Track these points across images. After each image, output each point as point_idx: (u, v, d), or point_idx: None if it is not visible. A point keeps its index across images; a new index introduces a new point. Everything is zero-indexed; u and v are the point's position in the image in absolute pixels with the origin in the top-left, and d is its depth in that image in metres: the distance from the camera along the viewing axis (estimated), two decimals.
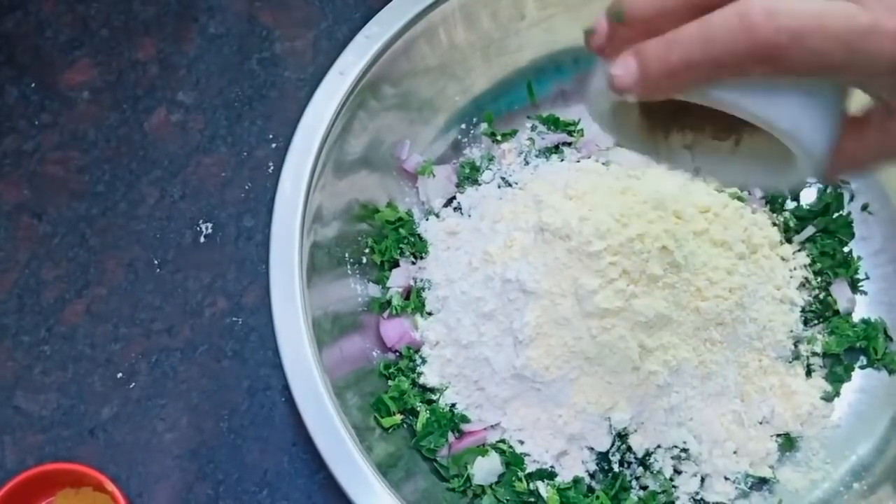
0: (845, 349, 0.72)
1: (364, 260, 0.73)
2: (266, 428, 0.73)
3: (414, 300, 0.73)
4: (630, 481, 0.68)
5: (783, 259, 0.74)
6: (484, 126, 0.79)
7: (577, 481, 0.67)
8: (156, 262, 0.78)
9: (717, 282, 0.68)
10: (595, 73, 0.47)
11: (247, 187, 0.81)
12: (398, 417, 0.68)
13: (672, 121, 0.51)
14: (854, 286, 0.75)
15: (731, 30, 0.39)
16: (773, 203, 0.77)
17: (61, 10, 0.87)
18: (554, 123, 0.79)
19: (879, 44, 0.39)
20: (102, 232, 0.79)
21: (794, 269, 0.74)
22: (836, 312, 0.74)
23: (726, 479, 0.68)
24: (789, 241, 0.75)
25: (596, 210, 0.70)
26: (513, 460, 0.68)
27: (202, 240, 0.79)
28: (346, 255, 0.72)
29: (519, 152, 0.79)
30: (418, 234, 0.75)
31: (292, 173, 0.67)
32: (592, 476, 0.68)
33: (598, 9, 0.76)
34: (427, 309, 0.73)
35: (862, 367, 0.73)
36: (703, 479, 0.68)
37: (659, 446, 0.67)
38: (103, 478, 0.67)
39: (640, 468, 0.68)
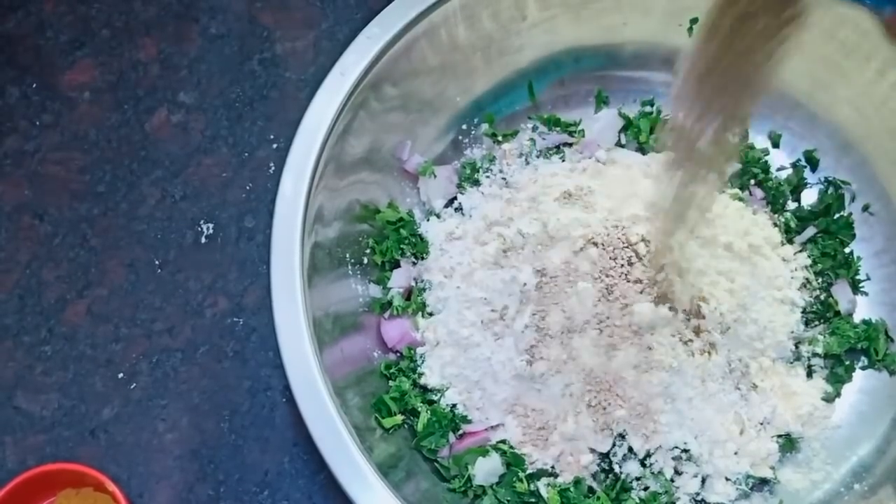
0: (846, 350, 0.72)
1: (365, 260, 0.73)
2: (267, 428, 0.73)
3: (415, 301, 0.73)
4: (631, 482, 0.68)
5: (784, 260, 0.74)
6: (485, 126, 0.79)
7: (577, 482, 0.67)
8: (157, 262, 0.78)
9: (717, 283, 0.68)
10: None
11: (248, 188, 0.81)
12: (399, 418, 0.68)
13: None
14: (855, 287, 0.75)
15: None
16: (775, 204, 0.77)
17: (62, 11, 0.87)
18: (555, 124, 0.79)
19: None
20: (103, 232, 0.79)
21: (795, 269, 0.74)
22: (837, 313, 0.74)
23: (727, 479, 0.68)
24: (790, 241, 0.75)
25: (597, 211, 0.70)
26: (513, 461, 0.68)
27: (203, 240, 0.79)
28: (347, 255, 0.72)
29: (520, 153, 0.79)
30: (419, 235, 0.75)
31: (293, 174, 0.67)
32: (593, 477, 0.68)
33: (598, 9, 0.77)
34: (428, 309, 0.73)
35: (863, 368, 0.73)
36: (703, 480, 0.68)
37: (660, 447, 0.67)
38: (104, 478, 0.67)
39: (641, 469, 0.68)
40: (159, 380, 0.75)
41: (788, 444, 0.70)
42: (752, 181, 0.77)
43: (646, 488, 0.68)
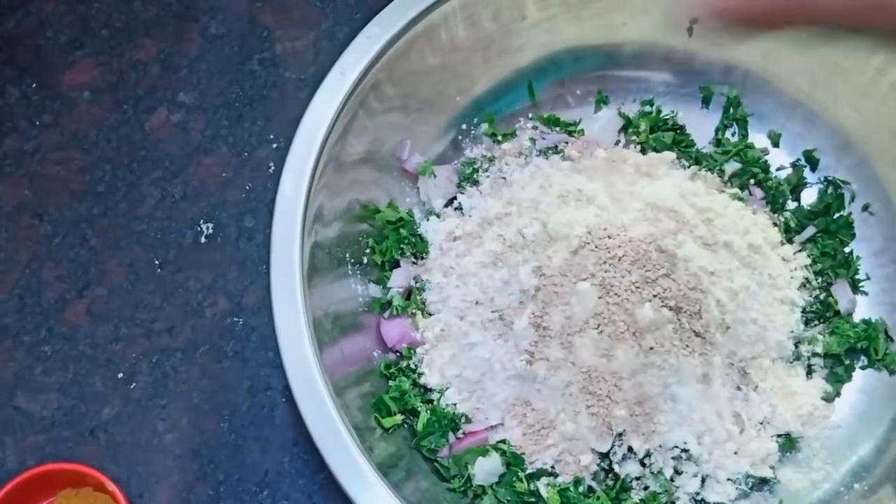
0: (846, 350, 0.72)
1: (365, 260, 0.73)
2: (267, 428, 0.73)
3: (414, 300, 0.73)
4: (630, 482, 0.68)
5: (784, 260, 0.74)
6: (485, 126, 0.79)
7: (577, 481, 0.67)
8: (157, 262, 0.78)
9: (717, 283, 0.68)
10: None
11: (247, 187, 0.81)
12: (399, 418, 0.68)
13: None
14: (855, 287, 0.75)
15: None
16: (774, 203, 0.77)
17: (62, 11, 0.87)
18: (555, 123, 0.79)
19: None
20: (103, 232, 0.79)
21: (795, 269, 0.74)
22: (837, 313, 0.74)
23: (727, 479, 0.68)
24: (790, 241, 0.75)
25: (596, 211, 0.70)
26: (513, 460, 0.68)
27: (203, 240, 0.79)
28: (347, 255, 0.72)
29: (519, 153, 0.79)
30: (419, 235, 0.75)
31: (293, 174, 0.67)
32: (593, 476, 0.68)
33: (598, 9, 0.77)
34: (428, 309, 0.73)
35: (863, 368, 0.73)
36: (703, 480, 0.68)
37: (660, 446, 0.67)
38: (104, 478, 0.67)
39: (641, 469, 0.68)
40: (159, 380, 0.75)
41: (788, 443, 0.70)
42: (752, 181, 0.77)
43: (646, 488, 0.68)
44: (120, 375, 0.75)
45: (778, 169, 0.78)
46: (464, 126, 0.79)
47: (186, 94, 0.84)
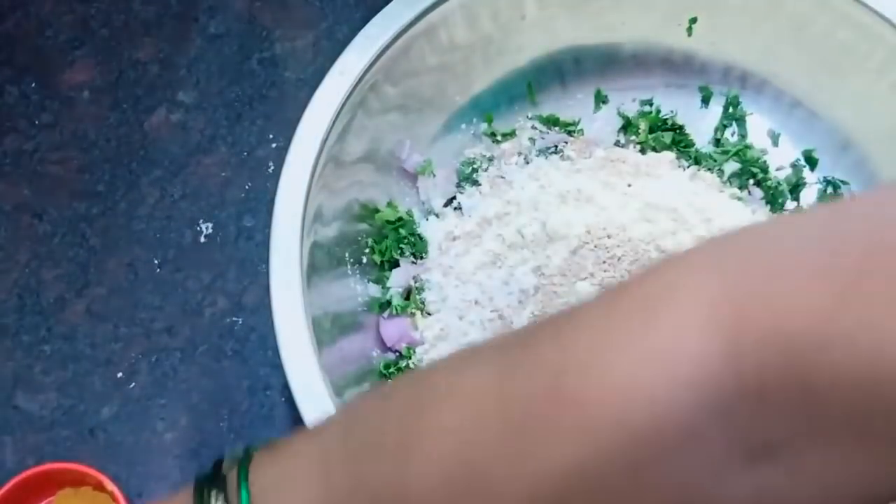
0: None
1: (364, 260, 0.73)
2: (266, 428, 0.73)
3: (414, 300, 0.73)
4: None
5: None
6: (484, 126, 0.79)
7: None
8: (156, 261, 0.78)
9: None
10: None
11: (247, 187, 0.81)
12: None
13: None
14: None
15: None
16: (773, 203, 0.77)
17: (62, 10, 0.87)
18: (554, 123, 0.79)
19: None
20: (103, 232, 0.79)
21: None
22: None
23: None
24: None
25: (595, 211, 0.70)
26: None
27: (202, 240, 0.79)
28: (347, 255, 0.72)
29: (519, 152, 0.79)
30: (418, 234, 0.75)
31: (292, 173, 0.67)
32: None
33: (598, 8, 0.77)
34: (427, 309, 0.73)
35: None
36: None
37: None
38: (103, 477, 0.67)
39: None
40: (158, 379, 0.75)
41: None
42: (751, 181, 0.77)
43: None
44: (119, 375, 0.75)
45: (777, 169, 0.78)
46: (463, 126, 0.79)
47: (186, 93, 0.84)
